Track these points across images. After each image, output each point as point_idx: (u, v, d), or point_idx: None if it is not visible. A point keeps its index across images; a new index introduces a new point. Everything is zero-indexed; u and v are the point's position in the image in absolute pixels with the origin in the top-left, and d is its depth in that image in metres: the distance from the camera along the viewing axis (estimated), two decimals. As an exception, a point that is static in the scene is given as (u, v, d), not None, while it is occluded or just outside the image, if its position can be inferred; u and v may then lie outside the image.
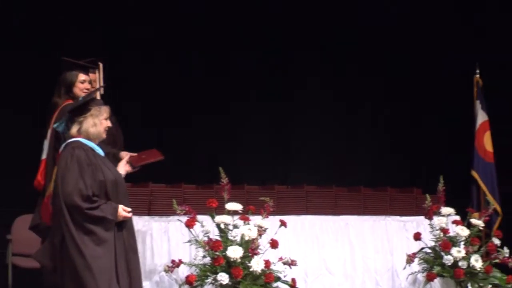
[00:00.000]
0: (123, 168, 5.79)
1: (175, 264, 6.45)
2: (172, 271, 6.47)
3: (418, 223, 7.88)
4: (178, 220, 6.52)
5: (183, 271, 6.52)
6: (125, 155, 6.07)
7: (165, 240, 6.67)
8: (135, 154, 6.11)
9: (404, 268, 7.51)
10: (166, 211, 6.65)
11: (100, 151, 5.53)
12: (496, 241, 7.62)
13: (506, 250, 7.58)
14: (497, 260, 7.54)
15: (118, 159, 6.01)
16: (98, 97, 6.28)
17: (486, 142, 9.48)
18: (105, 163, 5.48)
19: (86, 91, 6.32)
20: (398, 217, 7.96)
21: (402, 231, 7.90)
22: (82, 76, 6.40)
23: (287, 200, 7.34)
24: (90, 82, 6.49)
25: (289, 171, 10.08)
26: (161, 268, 6.54)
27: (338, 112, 10.50)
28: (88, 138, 5.50)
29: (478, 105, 9.57)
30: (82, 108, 5.55)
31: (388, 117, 10.75)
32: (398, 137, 10.69)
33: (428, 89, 10.77)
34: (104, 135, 5.59)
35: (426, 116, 10.89)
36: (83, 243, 5.28)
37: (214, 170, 6.80)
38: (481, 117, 9.54)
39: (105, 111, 5.59)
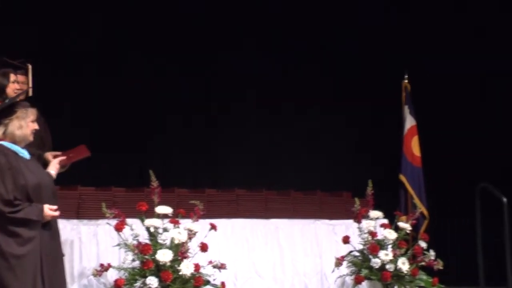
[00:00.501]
0: (54, 168, 5.71)
1: (104, 268, 6.40)
2: (100, 275, 6.42)
3: (347, 226, 7.96)
4: (107, 223, 6.47)
5: (111, 275, 6.47)
6: (50, 156, 5.99)
7: (94, 244, 6.61)
8: (59, 153, 6.02)
9: (333, 271, 7.58)
10: (95, 214, 6.59)
11: (25, 154, 5.44)
12: (423, 244, 7.73)
13: (432, 253, 7.70)
14: (423, 263, 7.65)
15: (44, 161, 5.93)
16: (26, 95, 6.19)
17: (414, 146, 9.61)
18: (28, 167, 5.39)
19: (17, 91, 6.22)
20: (327, 221, 8.03)
21: (331, 234, 7.98)
22: (13, 77, 6.31)
23: (218, 204, 7.35)
24: (18, 83, 6.40)
25: (220, 175, 10.09)
26: (90, 271, 6.48)
27: (262, 116, 10.55)
28: (14, 141, 5.41)
29: (406, 110, 9.69)
30: (7, 110, 5.45)
31: (317, 120, 10.84)
32: (329, 140, 10.80)
33: (359, 92, 10.92)
34: (31, 138, 5.50)
35: (357, 119, 11.02)
36: (7, 245, 5.19)
37: (145, 173, 6.77)
38: (409, 122, 9.66)
39: (32, 113, 5.50)
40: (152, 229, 6.49)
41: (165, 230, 6.50)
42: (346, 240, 7.63)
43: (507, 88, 11.40)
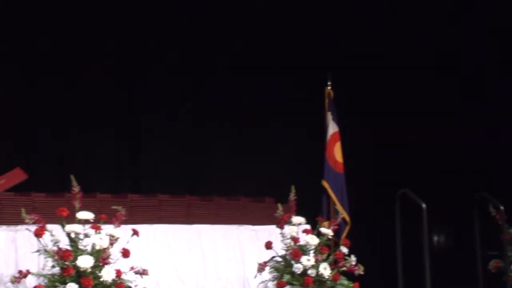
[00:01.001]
0: None
1: (23, 274, 6.28)
2: (19, 282, 6.29)
3: (270, 232, 7.99)
4: (27, 229, 6.36)
5: (30, 282, 6.35)
6: None
7: (13, 250, 6.48)
8: None
9: (255, 276, 7.59)
10: (15, 220, 6.46)
11: None
12: (344, 250, 7.80)
13: (353, 258, 7.77)
14: (344, 268, 7.72)
15: None
16: None
17: (337, 152, 9.71)
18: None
19: None
20: (250, 226, 8.06)
21: (254, 240, 8.00)
22: None
23: (140, 209, 7.29)
24: None
25: (141, 180, 10.02)
26: (8, 278, 6.35)
27: (186, 123, 10.54)
28: None
29: (329, 116, 9.78)
30: None
31: (241, 127, 10.88)
32: (252, 146, 10.83)
33: (282, 96, 11.00)
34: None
35: (280, 124, 11.08)
36: None
37: (66, 178, 6.67)
38: (332, 128, 9.76)
39: None
40: (73, 235, 6.39)
41: (86, 235, 6.42)
42: (268, 245, 7.65)
43: (426, 89, 11.63)
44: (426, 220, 7.50)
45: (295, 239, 7.63)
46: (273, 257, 7.63)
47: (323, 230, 7.80)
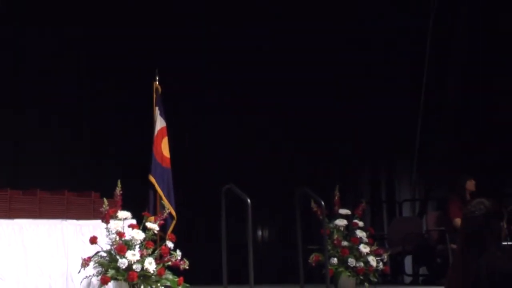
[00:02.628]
0: None
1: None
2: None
3: (95, 226, 7.90)
4: None
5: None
6: None
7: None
8: None
9: (79, 272, 7.49)
10: None
11: None
12: (170, 245, 7.83)
13: (178, 253, 7.82)
14: (169, 263, 7.75)
15: None
16: None
17: (164, 147, 9.69)
18: None
19: None
20: (75, 221, 7.93)
21: (79, 234, 7.88)
22: None
23: (-42, 203, 7.03)
24: None
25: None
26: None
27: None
28: None
29: (157, 111, 9.76)
30: None
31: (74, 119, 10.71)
32: (71, 140, 10.68)
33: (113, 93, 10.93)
34: None
35: (107, 120, 10.99)
36: None
37: None
38: (160, 123, 9.74)
39: None
40: None
41: None
42: (93, 240, 7.56)
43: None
44: (251, 215, 7.63)
45: (120, 234, 7.59)
46: (98, 252, 7.56)
47: (149, 225, 7.80)
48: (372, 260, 8.92)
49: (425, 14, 12.20)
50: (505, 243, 9.24)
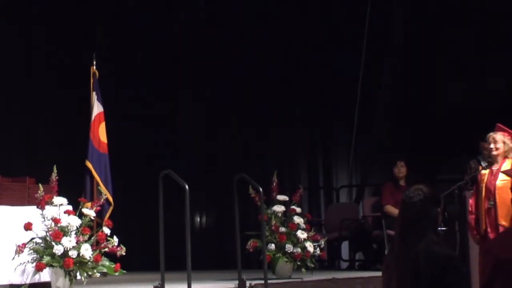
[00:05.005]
0: None
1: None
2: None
3: (30, 213, 7.77)
4: None
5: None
6: None
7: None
8: None
9: (13, 258, 7.36)
10: None
11: None
12: (107, 231, 7.75)
13: (115, 239, 7.74)
14: (106, 249, 7.67)
15: None
16: None
17: (101, 133, 9.60)
18: None
19: None
20: (9, 207, 7.79)
21: (13, 221, 7.74)
22: None
23: None
24: None
25: None
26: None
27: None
28: None
29: (94, 96, 9.66)
30: None
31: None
32: (18, 126, 10.51)
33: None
34: None
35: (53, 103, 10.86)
36: None
37: None
38: (97, 109, 9.64)
39: None
40: None
41: None
42: (28, 226, 7.44)
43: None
44: (189, 201, 7.60)
45: (56, 220, 7.48)
46: (33, 238, 7.44)
47: (86, 211, 7.71)
48: (309, 246, 8.97)
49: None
50: (441, 228, 9.37)
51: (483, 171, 7.98)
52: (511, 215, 7.73)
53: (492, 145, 7.90)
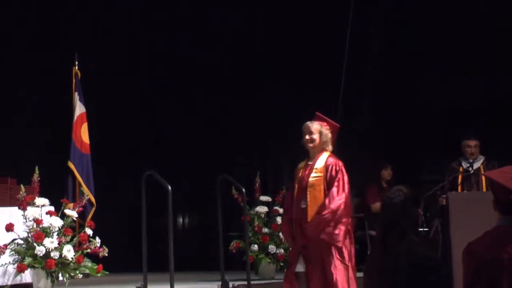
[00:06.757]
0: None
1: None
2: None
3: (11, 213, 7.75)
4: None
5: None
6: None
7: None
8: None
9: (-5, 260, 7.35)
10: None
11: None
12: (89, 232, 7.74)
13: (98, 240, 7.74)
14: (89, 250, 7.67)
15: None
16: None
17: (83, 133, 9.59)
18: None
19: None
20: (-10, 207, 7.77)
21: (-6, 222, 7.72)
22: None
23: None
24: None
25: None
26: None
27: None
28: None
29: (76, 97, 9.64)
30: None
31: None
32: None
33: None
34: None
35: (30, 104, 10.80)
36: None
37: None
38: (79, 109, 9.63)
39: None
40: None
41: None
42: (9, 227, 7.42)
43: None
44: (172, 202, 7.59)
45: (38, 221, 7.47)
46: (14, 239, 7.42)
47: (68, 212, 7.70)
48: (292, 247, 8.98)
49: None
50: (421, 229, 9.41)
51: (299, 165, 6.99)
52: None
53: (307, 136, 6.88)
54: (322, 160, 6.83)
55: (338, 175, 6.74)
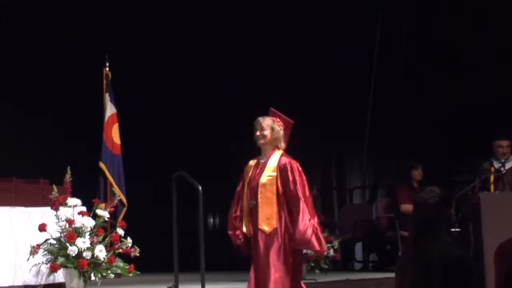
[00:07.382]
0: None
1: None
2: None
3: (44, 214, 7.80)
4: None
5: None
6: None
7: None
8: None
9: (28, 259, 7.40)
10: None
11: None
12: (120, 232, 7.77)
13: (129, 240, 7.77)
14: (120, 250, 7.70)
15: None
16: None
17: (114, 134, 9.65)
18: None
19: None
20: (23, 208, 7.82)
21: (27, 222, 7.77)
22: None
23: None
24: None
25: None
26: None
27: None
28: None
29: (107, 97, 9.71)
30: None
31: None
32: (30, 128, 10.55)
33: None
34: None
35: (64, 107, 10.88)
36: None
37: None
38: (110, 110, 9.69)
39: None
40: None
41: None
42: (42, 227, 7.47)
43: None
44: (202, 202, 7.60)
45: (70, 221, 7.51)
46: (47, 239, 7.47)
47: (99, 212, 7.73)
48: (323, 247, 8.96)
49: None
50: (453, 229, 9.36)
51: (250, 163, 6.78)
52: (274, 219, 6.55)
53: (258, 132, 6.64)
54: (275, 159, 6.62)
55: (296, 178, 6.54)
